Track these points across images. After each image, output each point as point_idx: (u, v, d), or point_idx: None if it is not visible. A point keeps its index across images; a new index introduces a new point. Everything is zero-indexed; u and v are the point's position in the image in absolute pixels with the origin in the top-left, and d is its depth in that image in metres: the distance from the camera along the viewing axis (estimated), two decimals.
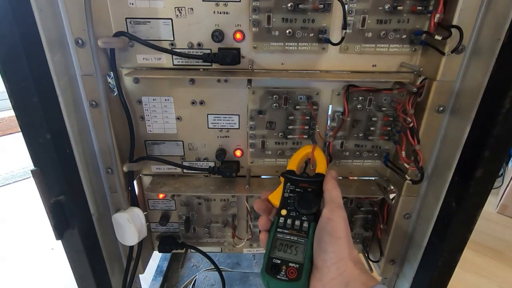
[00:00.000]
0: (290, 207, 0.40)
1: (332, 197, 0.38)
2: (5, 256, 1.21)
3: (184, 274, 0.95)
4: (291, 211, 0.39)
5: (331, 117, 0.56)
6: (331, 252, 0.34)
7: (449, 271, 0.54)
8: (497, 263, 1.20)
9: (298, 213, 0.39)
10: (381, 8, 0.47)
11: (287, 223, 0.38)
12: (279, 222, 0.38)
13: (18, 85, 0.39)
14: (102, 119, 0.49)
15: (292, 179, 0.43)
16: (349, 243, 0.35)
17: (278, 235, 0.37)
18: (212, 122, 0.57)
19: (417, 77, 0.51)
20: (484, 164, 0.44)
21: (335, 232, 0.35)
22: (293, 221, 0.38)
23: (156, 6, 0.47)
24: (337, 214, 0.37)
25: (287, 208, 0.40)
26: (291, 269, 0.34)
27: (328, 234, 0.35)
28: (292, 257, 0.35)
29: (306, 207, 0.39)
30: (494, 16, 0.42)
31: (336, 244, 0.34)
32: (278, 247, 0.36)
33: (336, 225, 0.36)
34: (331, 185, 0.40)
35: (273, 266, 0.34)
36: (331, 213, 0.37)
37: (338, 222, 0.36)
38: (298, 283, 0.33)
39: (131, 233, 0.54)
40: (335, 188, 0.39)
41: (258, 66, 0.52)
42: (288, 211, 0.39)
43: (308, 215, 0.38)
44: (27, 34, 0.39)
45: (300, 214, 0.39)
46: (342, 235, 0.35)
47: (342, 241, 0.34)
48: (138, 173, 0.62)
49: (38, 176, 0.44)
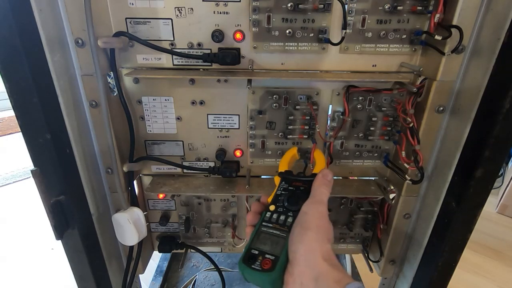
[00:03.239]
0: (279, 204, 0.40)
1: (315, 193, 0.39)
2: (5, 256, 1.21)
3: (184, 274, 0.95)
4: (280, 207, 0.40)
5: (331, 117, 0.56)
6: (299, 243, 0.34)
7: (449, 271, 0.54)
8: (497, 263, 1.20)
9: (285, 209, 0.39)
10: (381, 8, 0.47)
11: (273, 217, 0.39)
12: (266, 217, 0.39)
13: (18, 85, 0.39)
14: (102, 119, 0.49)
15: (286, 178, 0.44)
16: (320, 237, 0.34)
17: (263, 228, 0.38)
18: (212, 122, 0.57)
19: (417, 77, 0.51)
20: (484, 164, 0.44)
21: (305, 224, 0.35)
22: (279, 216, 0.38)
23: (156, 6, 0.47)
24: (314, 207, 0.37)
25: (276, 204, 0.40)
26: (267, 260, 0.34)
27: (299, 225, 0.36)
28: (270, 249, 0.35)
29: (293, 204, 0.39)
30: (494, 16, 0.42)
31: (305, 235, 0.34)
32: (260, 239, 0.36)
33: (309, 218, 0.36)
34: (318, 182, 0.40)
35: (250, 256, 0.34)
36: (308, 207, 0.37)
37: (312, 215, 0.36)
38: (271, 274, 0.33)
39: (131, 233, 0.54)
40: (322, 186, 0.40)
41: (258, 66, 0.52)
42: (276, 207, 0.40)
43: (294, 211, 0.38)
44: (27, 34, 0.39)
45: (287, 210, 0.39)
46: (312, 226, 0.35)
47: (311, 232, 0.34)
48: (138, 173, 0.62)
49: (38, 176, 0.44)
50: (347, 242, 0.69)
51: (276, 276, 0.33)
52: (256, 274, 0.33)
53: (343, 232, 0.68)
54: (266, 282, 0.33)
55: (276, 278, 0.33)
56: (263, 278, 0.33)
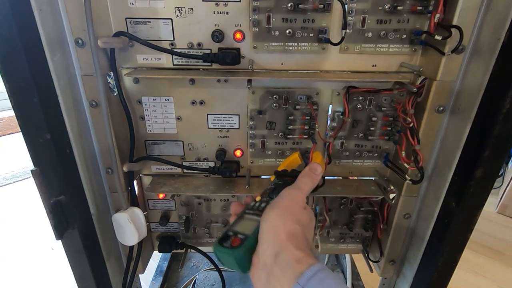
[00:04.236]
0: (265, 195, 0.41)
1: (297, 181, 0.39)
2: (5, 256, 1.21)
3: (184, 274, 0.95)
4: (265, 197, 0.40)
5: (331, 117, 0.56)
6: (264, 222, 0.34)
7: (449, 271, 0.54)
8: (497, 263, 1.20)
9: (269, 198, 0.40)
10: (381, 8, 0.47)
11: (255, 205, 0.39)
12: (249, 205, 0.40)
13: (18, 85, 0.39)
14: (102, 119, 0.49)
15: (278, 174, 0.46)
16: (286, 215, 0.34)
17: (245, 215, 0.38)
18: (212, 122, 0.57)
19: (417, 77, 0.51)
20: (484, 164, 0.44)
21: (275, 204, 0.36)
22: (260, 204, 0.39)
23: (156, 6, 0.47)
24: (289, 191, 0.37)
25: (262, 195, 0.41)
26: (236, 239, 0.34)
27: (270, 206, 0.36)
28: (242, 230, 0.35)
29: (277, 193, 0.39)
30: (494, 16, 0.42)
31: (270, 213, 0.34)
32: (238, 224, 0.37)
33: (280, 200, 0.36)
34: (303, 173, 0.40)
35: (224, 237, 0.35)
36: (284, 191, 0.37)
37: (284, 197, 0.36)
38: (235, 251, 0.33)
39: (131, 233, 0.54)
40: (305, 176, 0.40)
41: (258, 66, 0.51)
42: (262, 197, 0.41)
43: None
44: (27, 34, 0.39)
45: (269, 198, 0.40)
46: (280, 206, 0.35)
47: (276, 210, 0.34)
48: (138, 173, 0.62)
49: (38, 176, 0.44)
50: (347, 242, 0.69)
51: (241, 253, 0.33)
52: (224, 251, 0.33)
53: (343, 232, 0.68)
54: (232, 259, 0.33)
55: (241, 255, 0.33)
56: (229, 255, 0.33)
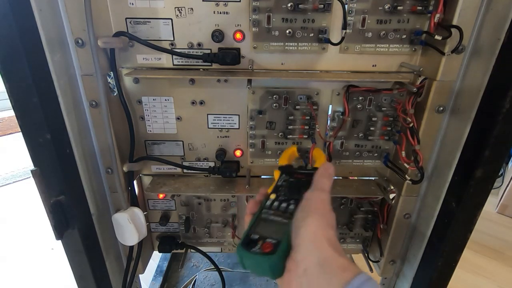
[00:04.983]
0: (280, 193, 0.39)
1: (317, 183, 0.38)
2: (5, 256, 1.21)
3: (184, 274, 0.95)
4: (281, 195, 0.39)
5: (331, 117, 0.56)
6: (302, 228, 0.32)
7: (449, 271, 0.54)
8: (497, 263, 1.20)
9: (287, 197, 0.38)
10: (381, 8, 0.47)
11: (274, 205, 0.37)
12: (266, 204, 0.38)
13: (18, 85, 0.39)
14: (102, 119, 0.49)
15: (287, 171, 0.44)
16: (324, 222, 0.33)
17: (263, 215, 0.36)
18: (212, 122, 0.57)
19: (417, 77, 0.51)
20: (484, 164, 0.44)
21: (309, 208, 0.35)
22: (280, 204, 0.37)
23: (156, 6, 0.47)
24: (316, 194, 0.36)
25: (277, 193, 0.39)
26: (267, 244, 0.32)
27: (302, 211, 0.35)
28: (271, 234, 0.33)
29: (295, 193, 0.38)
30: (494, 16, 0.42)
31: (309, 220, 0.33)
32: (261, 226, 0.35)
33: (312, 204, 0.35)
34: (320, 173, 0.40)
35: (250, 241, 0.33)
36: (311, 194, 0.37)
37: (315, 201, 0.35)
38: (271, 257, 0.31)
39: (131, 233, 0.54)
40: (324, 176, 0.39)
41: (258, 66, 0.51)
42: (277, 196, 0.39)
43: (296, 199, 0.37)
44: (27, 34, 0.39)
45: (288, 198, 0.38)
46: (316, 212, 0.34)
47: (315, 217, 0.33)
48: (138, 173, 0.62)
49: (38, 176, 0.44)
50: (347, 242, 0.69)
51: (276, 260, 0.31)
52: (256, 258, 0.31)
53: (343, 232, 0.68)
54: (266, 266, 0.31)
55: (276, 261, 0.31)
56: (263, 262, 0.31)
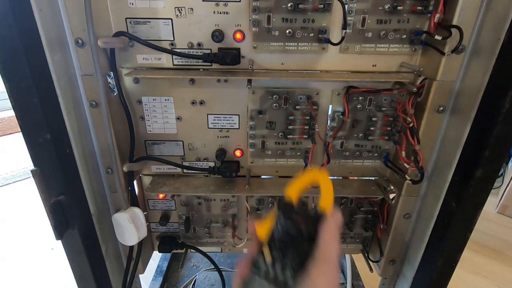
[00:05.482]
0: (276, 252, 0.32)
1: (324, 249, 0.32)
2: (5, 256, 1.21)
3: (184, 274, 0.95)
4: (275, 257, 0.32)
5: (331, 117, 0.56)
6: None
7: (449, 271, 0.54)
8: (497, 263, 1.20)
9: (282, 257, 0.32)
10: (381, 8, 0.47)
11: (271, 273, 0.31)
12: (261, 269, 0.31)
13: (18, 85, 0.39)
14: (102, 119, 0.49)
15: (286, 209, 0.34)
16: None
17: (256, 285, 0.30)
18: (212, 122, 0.57)
19: (417, 77, 0.51)
20: (484, 164, 0.44)
21: (310, 286, 0.29)
22: (274, 267, 0.31)
23: (156, 6, 0.47)
24: (321, 272, 0.31)
25: (272, 252, 0.32)
26: None
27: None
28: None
29: (296, 260, 0.31)
30: (494, 16, 0.42)
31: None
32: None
33: (314, 282, 0.30)
34: (329, 234, 0.33)
35: None
36: (317, 271, 0.31)
37: (317, 280, 0.30)
38: None
39: (131, 233, 0.54)
40: (333, 239, 0.32)
41: (258, 66, 0.51)
42: (273, 258, 0.32)
43: (294, 267, 0.31)
44: (27, 34, 0.39)
45: (284, 262, 0.31)
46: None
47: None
48: (138, 173, 0.61)
49: (38, 176, 0.44)
50: (347, 242, 0.69)
51: None
52: None
53: (343, 232, 0.68)
54: None
55: None
56: None
